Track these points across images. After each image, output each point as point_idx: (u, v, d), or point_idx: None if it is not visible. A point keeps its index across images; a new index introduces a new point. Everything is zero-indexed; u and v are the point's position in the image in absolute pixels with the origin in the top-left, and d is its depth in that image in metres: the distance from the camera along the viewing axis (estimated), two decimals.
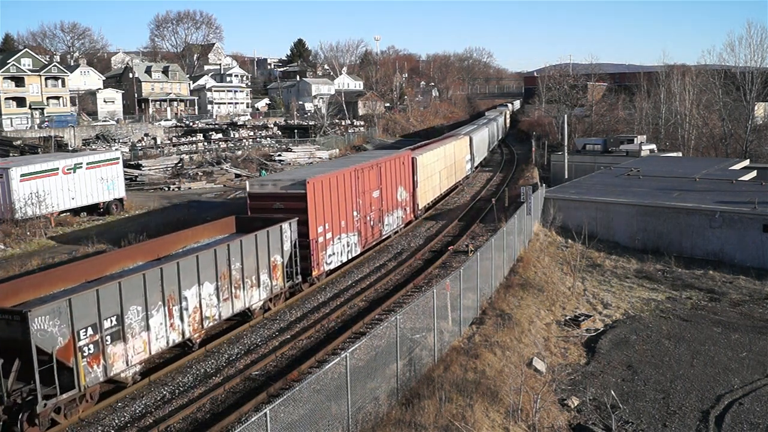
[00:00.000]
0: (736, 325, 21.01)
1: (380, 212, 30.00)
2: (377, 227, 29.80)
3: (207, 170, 56.56)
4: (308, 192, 23.62)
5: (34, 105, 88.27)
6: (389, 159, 31.61)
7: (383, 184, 30.29)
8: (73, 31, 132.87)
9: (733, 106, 61.61)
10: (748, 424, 14.84)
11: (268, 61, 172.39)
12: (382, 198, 30.20)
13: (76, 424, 15.22)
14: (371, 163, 29.36)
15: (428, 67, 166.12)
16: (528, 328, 19.81)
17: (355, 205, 27.34)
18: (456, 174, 46.01)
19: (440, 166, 40.62)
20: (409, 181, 33.93)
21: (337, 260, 26.11)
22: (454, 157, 44.95)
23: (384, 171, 30.51)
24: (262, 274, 21.02)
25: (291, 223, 22.31)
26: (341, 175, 26.34)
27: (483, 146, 62.25)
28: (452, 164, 44.24)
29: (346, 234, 26.62)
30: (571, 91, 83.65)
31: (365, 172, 28.58)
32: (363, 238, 28.34)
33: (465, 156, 49.58)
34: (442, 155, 41.32)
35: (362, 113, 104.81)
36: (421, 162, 35.64)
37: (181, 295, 17.73)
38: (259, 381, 17.37)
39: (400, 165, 32.61)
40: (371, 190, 29.00)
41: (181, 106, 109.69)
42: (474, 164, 54.98)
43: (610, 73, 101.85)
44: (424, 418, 13.11)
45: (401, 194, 32.72)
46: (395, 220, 32.15)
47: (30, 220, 33.50)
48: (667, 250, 29.17)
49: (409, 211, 34.26)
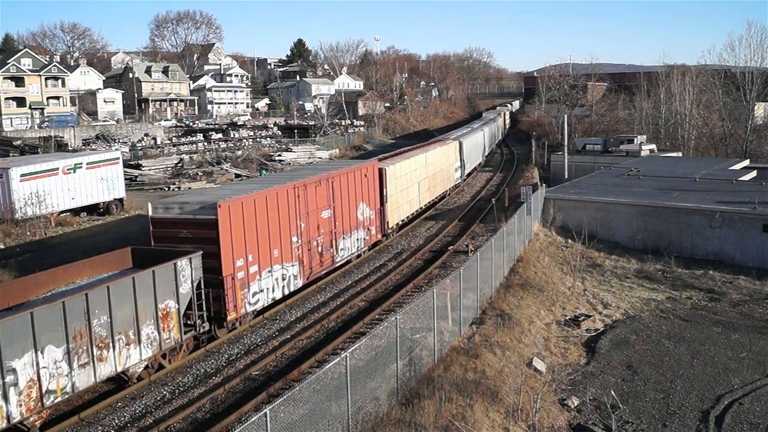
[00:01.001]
0: (736, 325, 21.01)
1: (332, 235, 25.48)
2: (328, 254, 25.27)
3: (207, 170, 56.56)
4: (220, 218, 19.06)
5: (34, 105, 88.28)
6: (346, 171, 26.86)
7: (337, 202, 25.78)
8: (73, 31, 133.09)
9: (733, 106, 61.62)
10: (748, 424, 14.84)
11: (268, 61, 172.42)
12: (336, 218, 25.69)
13: (76, 423, 15.22)
14: (318, 178, 24.66)
15: (428, 67, 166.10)
16: (528, 328, 19.81)
17: (296, 230, 22.86)
18: (442, 184, 41.77)
19: (419, 175, 36.18)
20: (374, 196, 29.30)
21: (268, 298, 21.47)
22: (438, 165, 40.60)
23: (338, 186, 25.90)
24: (146, 326, 16.51)
25: (191, 259, 17.77)
26: (272, 194, 21.70)
27: (477, 151, 57.63)
28: (436, 173, 39.78)
29: (281, 265, 22.06)
30: (571, 91, 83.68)
31: (310, 189, 23.93)
32: (306, 268, 23.68)
33: (453, 163, 45.09)
34: (422, 164, 36.86)
35: (362, 113, 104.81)
36: (391, 173, 31.28)
37: (2, 367, 13.26)
38: (259, 381, 17.37)
39: (361, 178, 27.94)
40: (319, 209, 24.51)
41: (181, 106, 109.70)
42: (465, 172, 50.42)
43: (610, 73, 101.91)
44: (424, 418, 13.11)
45: (364, 212, 28.21)
46: (355, 243, 27.61)
47: (30, 220, 33.52)
48: (667, 250, 29.17)
49: (376, 231, 29.69)
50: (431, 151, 39.50)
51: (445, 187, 43.05)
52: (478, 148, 58.13)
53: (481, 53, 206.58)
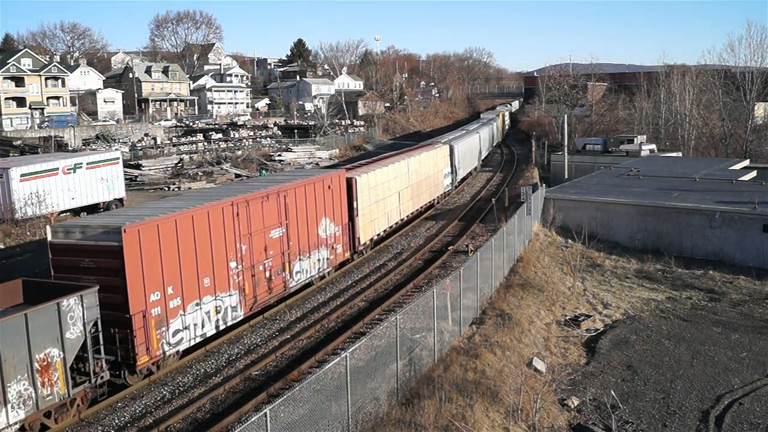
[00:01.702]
0: (736, 325, 21.01)
1: (285, 257, 22.34)
2: (279, 279, 22.15)
3: (207, 170, 56.59)
4: (127, 244, 16.06)
5: (34, 105, 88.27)
6: (303, 183, 23.68)
7: (292, 219, 22.75)
8: (73, 31, 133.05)
9: (733, 106, 61.64)
10: (748, 424, 14.84)
11: (268, 61, 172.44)
12: (290, 237, 22.62)
13: (77, 423, 15.22)
14: (265, 193, 21.42)
15: (428, 67, 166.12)
16: (528, 328, 19.82)
17: (235, 253, 19.74)
18: (429, 192, 38.51)
19: (400, 184, 33.07)
20: (341, 210, 26.30)
21: (195, 335, 18.35)
22: (424, 171, 37.36)
23: (293, 200, 22.84)
24: (15, 382, 13.32)
25: (83, 297, 14.72)
26: (200, 214, 18.49)
27: (471, 155, 54.48)
28: (421, 181, 36.60)
29: (214, 296, 18.94)
30: (571, 91, 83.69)
31: (254, 206, 20.75)
32: (249, 296, 20.53)
33: (443, 169, 41.84)
34: (404, 171, 33.74)
35: (362, 113, 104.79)
36: (363, 184, 28.23)
37: None
38: (259, 381, 17.38)
39: (323, 190, 24.82)
40: (267, 228, 21.41)
41: (181, 106, 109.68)
42: (457, 178, 46.87)
43: (610, 73, 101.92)
44: (424, 418, 13.11)
45: (327, 228, 25.25)
46: (315, 264, 24.52)
47: (30, 220, 33.52)
48: (667, 250, 29.17)
49: (343, 250, 26.57)
50: (415, 157, 36.28)
51: (433, 195, 39.79)
52: (472, 151, 55.19)
53: (481, 53, 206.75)
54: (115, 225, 16.52)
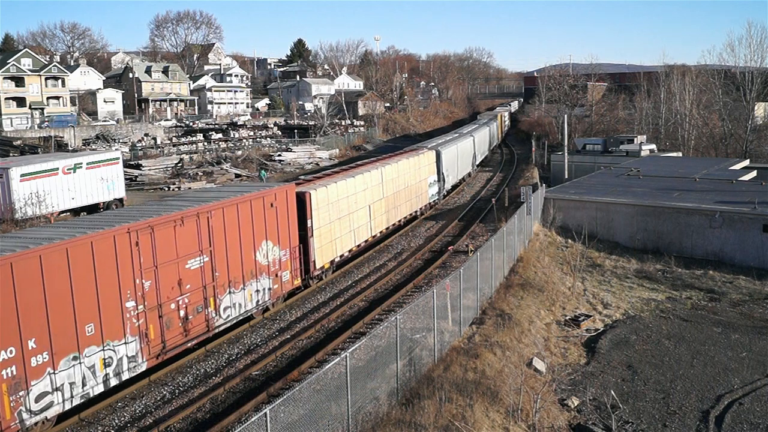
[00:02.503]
0: (736, 325, 21.01)
1: (208, 291, 18.65)
2: (200, 317, 18.51)
3: (207, 170, 56.62)
4: None
5: (34, 105, 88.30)
6: (235, 202, 19.92)
7: (218, 244, 19.09)
8: (73, 31, 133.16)
9: (733, 106, 61.69)
10: (748, 424, 14.84)
11: (268, 61, 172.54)
12: (216, 267, 18.95)
13: (76, 423, 15.24)
14: (178, 215, 17.78)
15: (428, 67, 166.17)
16: (528, 328, 19.82)
17: (133, 291, 16.30)
18: (409, 204, 34.99)
19: (372, 197, 29.78)
20: (289, 231, 22.60)
21: (72, 395, 14.92)
22: (403, 181, 33.76)
23: (220, 223, 19.15)
24: None
25: None
26: (79, 246, 15.00)
27: (464, 161, 50.30)
28: (399, 192, 33.11)
29: (102, 346, 15.49)
30: (571, 91, 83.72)
31: (162, 232, 17.21)
32: (155, 342, 17.02)
33: (428, 177, 38.10)
34: (376, 182, 30.28)
35: (362, 113, 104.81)
36: (320, 199, 24.88)
37: None
38: (259, 381, 17.38)
39: (263, 208, 21.05)
40: (181, 258, 17.81)
41: (181, 106, 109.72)
42: (446, 186, 42.90)
43: (610, 73, 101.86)
44: (424, 418, 13.11)
45: (269, 254, 21.52)
46: (253, 296, 20.83)
47: (30, 220, 33.52)
48: (667, 250, 29.18)
49: (291, 277, 22.96)
50: (390, 166, 32.37)
51: (415, 207, 36.07)
52: (464, 156, 50.65)
53: (481, 53, 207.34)
54: None
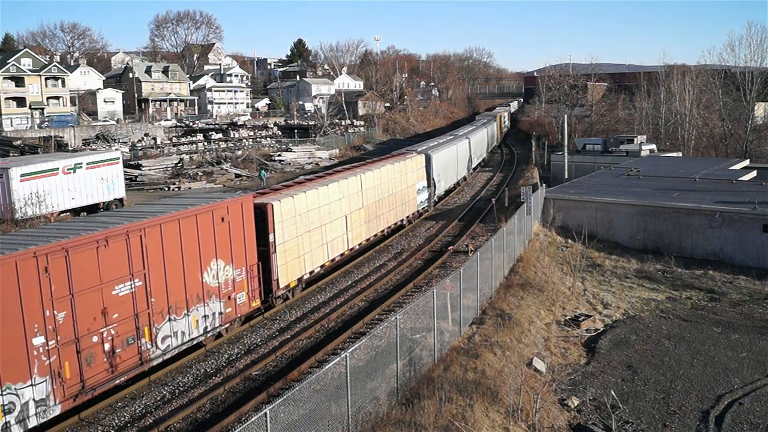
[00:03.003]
0: (736, 325, 21.01)
1: (142, 320, 16.48)
2: (130, 350, 16.27)
3: (207, 170, 56.64)
4: None
5: (34, 105, 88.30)
6: (177, 217, 17.66)
7: (155, 266, 16.79)
8: (73, 31, 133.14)
9: (733, 106, 61.69)
10: (748, 424, 14.84)
11: (268, 61, 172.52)
12: (152, 292, 16.71)
13: (76, 423, 15.23)
14: (102, 235, 15.56)
15: (428, 67, 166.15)
16: (528, 328, 19.82)
17: (43, 325, 14.20)
18: (394, 212, 32.66)
19: (349, 206, 27.63)
20: (245, 248, 20.13)
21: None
22: (387, 188, 31.52)
23: (157, 241, 16.90)
24: None
25: None
26: None
27: (458, 164, 47.69)
28: (382, 200, 30.90)
29: (0, 390, 13.28)
30: (571, 91, 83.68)
31: (80, 256, 15.03)
32: (72, 382, 14.88)
33: (416, 183, 35.63)
34: (354, 190, 28.25)
35: (362, 113, 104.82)
36: (285, 211, 22.54)
37: None
38: (259, 381, 17.38)
39: (212, 223, 18.70)
40: (106, 284, 15.64)
41: (181, 106, 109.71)
42: (437, 193, 40.34)
43: (610, 73, 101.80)
44: (424, 418, 13.11)
45: (220, 274, 19.11)
46: (199, 322, 18.42)
47: (30, 220, 33.51)
48: (667, 250, 29.18)
49: (248, 299, 20.53)
50: (372, 172, 30.00)
51: (400, 215, 33.62)
52: (458, 160, 48.00)
53: (481, 53, 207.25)
54: None
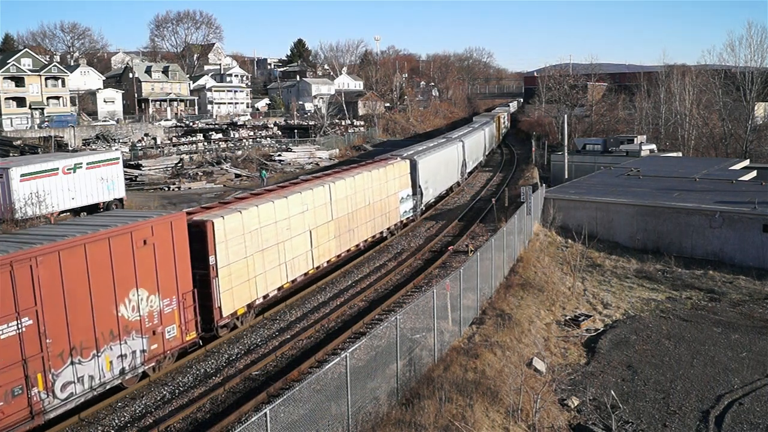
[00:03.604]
0: (736, 325, 21.01)
1: (33, 366, 13.91)
2: (18, 403, 13.72)
3: (207, 170, 56.64)
4: None
5: (34, 105, 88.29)
6: (82, 241, 15.00)
7: (51, 301, 14.28)
8: (73, 31, 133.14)
9: (733, 106, 61.68)
10: (748, 424, 14.84)
11: (268, 61, 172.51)
12: (47, 332, 14.14)
13: (76, 423, 15.23)
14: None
15: (428, 67, 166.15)
16: (528, 328, 19.82)
17: None
18: (372, 224, 29.51)
19: (315, 220, 24.38)
20: (175, 274, 17.48)
21: None
22: (363, 198, 28.62)
23: (55, 271, 14.34)
24: None
25: None
26: None
27: (448, 169, 44.11)
28: (357, 211, 27.92)
29: None
30: (571, 91, 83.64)
31: None
32: None
33: (400, 192, 32.62)
34: (322, 201, 24.92)
35: (362, 113, 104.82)
36: (230, 229, 19.48)
37: None
38: (259, 381, 17.38)
39: (132, 247, 16.20)
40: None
41: (181, 106, 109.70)
42: (424, 201, 36.96)
43: (610, 73, 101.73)
44: (424, 418, 13.11)
45: (142, 305, 16.54)
46: (112, 365, 15.78)
47: (30, 220, 33.49)
48: (667, 250, 29.18)
49: (180, 332, 17.77)
50: (343, 182, 26.83)
51: (380, 227, 30.41)
52: (450, 165, 44.76)
53: (481, 53, 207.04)
54: None
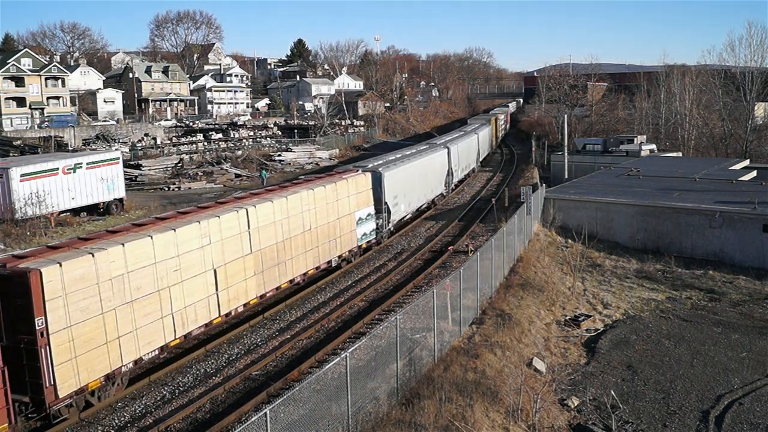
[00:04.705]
0: (736, 325, 21.01)
1: None
2: None
3: (207, 170, 56.62)
4: None
5: (34, 105, 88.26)
6: None
7: None
8: (73, 31, 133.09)
9: (733, 106, 61.69)
10: (748, 424, 14.84)
11: (268, 61, 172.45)
12: None
13: (76, 423, 15.23)
14: None
15: (428, 67, 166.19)
16: (528, 328, 19.81)
17: None
18: (314, 253, 24.38)
19: (222, 255, 19.45)
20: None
21: None
22: (300, 222, 23.47)
23: None
24: None
25: None
26: None
27: (428, 180, 38.23)
28: (290, 240, 22.83)
29: None
30: (571, 91, 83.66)
31: None
32: None
33: (358, 211, 27.57)
34: (234, 231, 20.02)
35: (362, 113, 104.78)
36: (72, 278, 14.77)
37: None
38: (259, 381, 17.38)
39: None
40: None
41: (181, 106, 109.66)
42: (390, 219, 31.02)
43: (610, 73, 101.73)
44: (424, 418, 13.11)
45: None
46: None
47: (30, 220, 33.50)
48: (667, 250, 29.17)
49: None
50: (271, 203, 21.84)
51: (328, 255, 25.29)
52: (431, 175, 39.01)
53: (481, 53, 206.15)
54: None
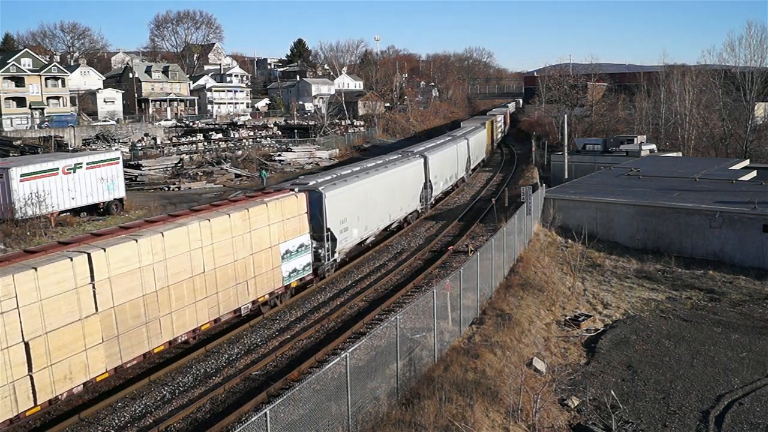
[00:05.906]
0: (736, 325, 21.01)
1: None
2: None
3: (207, 170, 56.61)
4: None
5: (34, 105, 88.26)
6: None
7: None
8: (73, 31, 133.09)
9: (733, 106, 61.70)
10: (748, 424, 14.84)
11: (268, 61, 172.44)
12: None
13: (76, 423, 15.23)
14: None
15: (428, 67, 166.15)
16: (528, 328, 19.81)
17: None
18: (213, 300, 19.21)
19: (43, 321, 14.36)
20: None
21: None
22: (185, 264, 18.36)
23: None
24: None
25: None
26: None
27: (396, 197, 32.47)
28: (166, 289, 17.61)
29: None
30: (571, 91, 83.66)
31: None
32: None
33: (284, 242, 22.42)
34: (67, 287, 14.94)
35: (362, 113, 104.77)
36: None
37: None
38: (259, 381, 17.37)
39: None
40: None
41: (181, 106, 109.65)
42: (337, 248, 25.80)
43: (610, 73, 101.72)
44: (424, 418, 13.11)
45: None
46: None
47: (30, 220, 33.50)
48: (667, 250, 29.18)
49: None
50: (133, 243, 16.74)
51: (232, 305, 20.07)
52: (400, 190, 33.22)
53: (481, 53, 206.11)
54: None
